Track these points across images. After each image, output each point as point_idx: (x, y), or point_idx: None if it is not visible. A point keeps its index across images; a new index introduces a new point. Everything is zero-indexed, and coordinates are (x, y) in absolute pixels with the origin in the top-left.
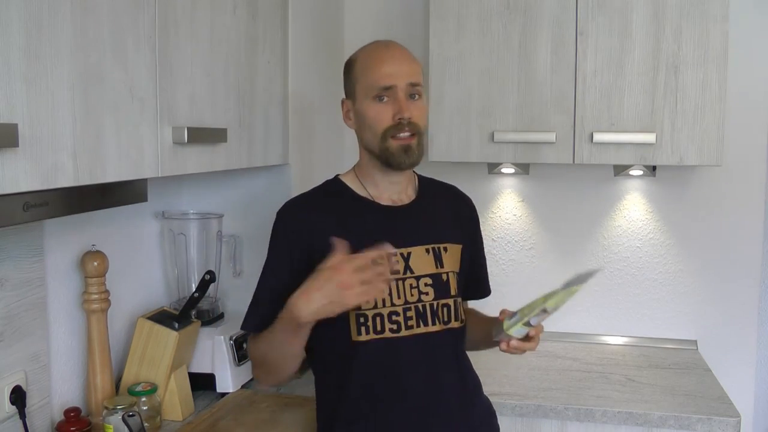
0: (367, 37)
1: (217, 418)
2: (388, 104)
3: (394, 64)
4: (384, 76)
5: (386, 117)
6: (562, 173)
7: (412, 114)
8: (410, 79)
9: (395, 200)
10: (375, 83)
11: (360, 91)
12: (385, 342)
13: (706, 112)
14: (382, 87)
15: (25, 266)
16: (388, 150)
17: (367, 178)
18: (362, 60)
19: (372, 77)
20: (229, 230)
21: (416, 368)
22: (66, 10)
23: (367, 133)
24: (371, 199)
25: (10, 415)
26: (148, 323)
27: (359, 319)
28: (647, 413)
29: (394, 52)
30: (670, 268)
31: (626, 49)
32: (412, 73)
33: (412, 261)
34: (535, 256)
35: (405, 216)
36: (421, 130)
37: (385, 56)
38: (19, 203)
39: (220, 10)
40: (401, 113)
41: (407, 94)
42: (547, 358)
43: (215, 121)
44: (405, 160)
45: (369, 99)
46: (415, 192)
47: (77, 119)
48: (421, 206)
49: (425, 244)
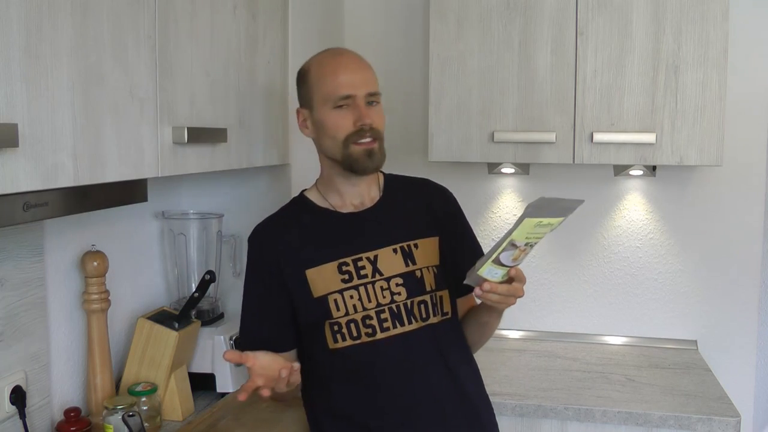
0: (367, 37)
1: (217, 418)
2: (347, 111)
3: (351, 73)
4: (341, 85)
5: (347, 123)
6: (562, 173)
7: (372, 120)
8: (368, 88)
9: (357, 205)
10: (334, 93)
11: (318, 101)
12: (363, 346)
13: (706, 112)
14: (340, 96)
15: (25, 266)
16: (351, 156)
17: (329, 189)
18: (317, 69)
19: (329, 86)
20: (229, 230)
21: (397, 369)
22: (66, 10)
23: (327, 141)
24: (333, 209)
25: (10, 415)
26: (148, 323)
27: (333, 327)
28: (647, 413)
29: (349, 61)
30: (670, 268)
31: (626, 49)
32: (370, 83)
33: (379, 263)
34: (535, 256)
35: (368, 220)
36: (381, 135)
37: (340, 65)
38: (19, 203)
39: (220, 10)
40: (362, 120)
41: (366, 101)
42: (547, 358)
43: (215, 121)
44: (369, 165)
45: (327, 108)
46: (380, 192)
47: (77, 119)
48: (385, 207)
49: (392, 244)
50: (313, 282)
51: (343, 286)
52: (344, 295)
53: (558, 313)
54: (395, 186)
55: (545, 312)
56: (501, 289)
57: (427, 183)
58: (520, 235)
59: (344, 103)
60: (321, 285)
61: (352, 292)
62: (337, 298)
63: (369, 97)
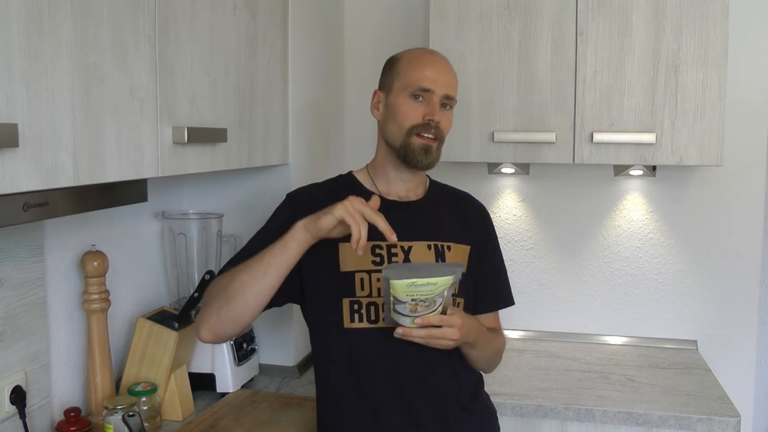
0: (367, 37)
1: (217, 418)
2: (421, 104)
3: (438, 71)
4: (426, 78)
5: (417, 114)
6: (562, 173)
7: (441, 120)
8: (448, 91)
9: (402, 197)
10: (416, 82)
11: (398, 86)
12: (377, 332)
13: (706, 112)
14: (421, 87)
15: (25, 266)
16: (409, 146)
17: (379, 175)
18: (408, 58)
19: (415, 75)
20: (229, 230)
21: (407, 360)
22: (66, 10)
23: (392, 126)
24: (378, 193)
25: (10, 415)
26: (148, 323)
27: (353, 306)
28: (647, 413)
29: (440, 60)
30: (670, 268)
31: (626, 49)
32: (451, 86)
33: (412, 254)
34: (535, 256)
35: (410, 211)
36: (443, 138)
37: (431, 61)
38: (19, 203)
39: (220, 10)
40: (432, 115)
41: (441, 103)
42: (547, 358)
43: (215, 121)
44: (423, 160)
45: (405, 94)
46: (425, 193)
47: (77, 119)
48: (427, 205)
49: (427, 240)
50: (343, 256)
51: (372, 267)
52: (372, 276)
53: (558, 313)
54: (439, 191)
55: (545, 312)
56: (416, 333)
57: (469, 197)
58: (399, 293)
59: (422, 94)
60: (351, 261)
61: (380, 275)
62: (363, 278)
63: (445, 99)
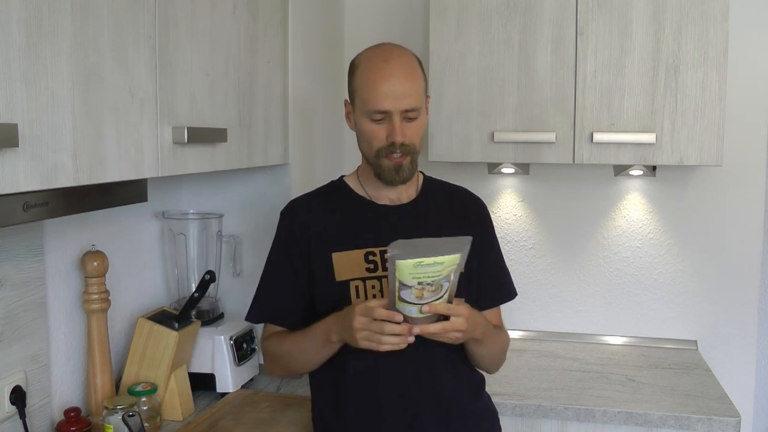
0: (367, 38)
1: (217, 418)
2: (383, 125)
3: (393, 85)
4: (382, 98)
5: (380, 137)
6: (562, 173)
7: (405, 137)
8: (407, 105)
9: (393, 199)
10: (372, 104)
11: (358, 103)
12: None
13: (706, 112)
14: (377, 110)
15: (25, 266)
16: (380, 167)
17: (368, 180)
18: (363, 71)
19: (370, 95)
20: (229, 230)
21: (407, 362)
22: (66, 10)
23: (363, 145)
24: (369, 198)
25: (10, 415)
26: (148, 323)
27: None
28: (647, 413)
29: (396, 68)
30: (670, 268)
31: (626, 49)
32: (410, 97)
33: None
34: (535, 256)
35: (401, 215)
36: (414, 150)
37: (385, 74)
38: (19, 203)
39: (220, 10)
40: (394, 137)
41: (403, 117)
42: (547, 358)
43: (215, 121)
44: (396, 178)
45: (365, 117)
46: (417, 193)
47: (77, 119)
48: (420, 205)
49: None
50: (337, 265)
51: (367, 275)
52: (366, 284)
53: (558, 313)
54: (432, 188)
55: (545, 312)
56: (432, 329)
57: (465, 192)
58: (404, 276)
59: (380, 117)
60: (345, 270)
61: (375, 282)
62: (358, 285)
63: (406, 113)
